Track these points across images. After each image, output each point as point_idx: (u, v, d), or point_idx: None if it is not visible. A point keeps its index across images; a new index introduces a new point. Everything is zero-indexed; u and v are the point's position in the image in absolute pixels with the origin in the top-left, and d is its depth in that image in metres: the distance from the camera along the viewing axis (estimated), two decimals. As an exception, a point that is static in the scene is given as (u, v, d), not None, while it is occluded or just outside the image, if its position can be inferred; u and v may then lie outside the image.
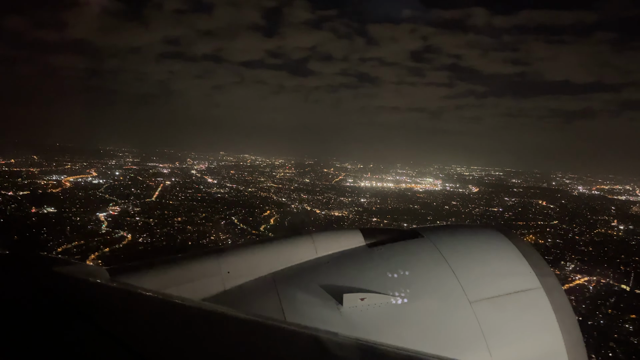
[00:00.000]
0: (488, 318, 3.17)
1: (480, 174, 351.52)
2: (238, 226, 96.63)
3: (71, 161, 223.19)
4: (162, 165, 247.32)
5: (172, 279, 3.35)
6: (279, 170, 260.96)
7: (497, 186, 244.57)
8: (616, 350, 46.71)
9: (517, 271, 3.49)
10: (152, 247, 74.75)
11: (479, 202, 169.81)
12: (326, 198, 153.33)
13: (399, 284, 3.30)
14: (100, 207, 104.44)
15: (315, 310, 3.17)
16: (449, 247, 3.62)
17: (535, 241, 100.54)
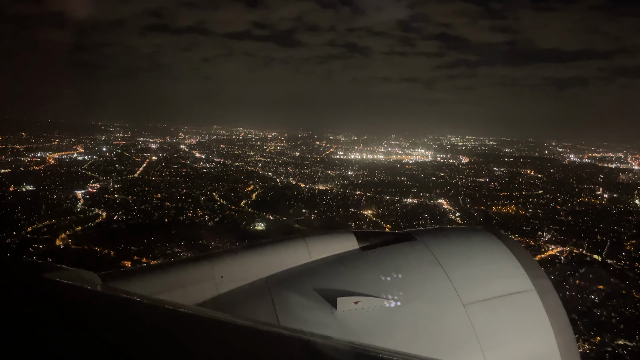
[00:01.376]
0: (481, 320, 3.17)
1: (474, 144, 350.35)
2: (218, 202, 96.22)
3: (60, 137, 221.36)
4: (152, 140, 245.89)
5: (165, 284, 3.30)
6: (270, 143, 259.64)
7: (489, 156, 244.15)
8: (577, 322, 46.85)
9: (510, 273, 3.46)
10: (125, 225, 74.55)
11: (467, 173, 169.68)
12: (313, 172, 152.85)
13: (393, 287, 3.29)
14: (80, 184, 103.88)
15: (309, 314, 3.16)
16: (442, 250, 3.60)
17: (516, 212, 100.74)
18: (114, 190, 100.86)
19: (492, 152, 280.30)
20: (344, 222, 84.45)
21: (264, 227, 79.47)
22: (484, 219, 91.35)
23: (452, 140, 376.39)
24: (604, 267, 63.92)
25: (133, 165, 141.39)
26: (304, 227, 79.61)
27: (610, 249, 72.72)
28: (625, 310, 50.05)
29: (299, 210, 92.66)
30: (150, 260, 57.92)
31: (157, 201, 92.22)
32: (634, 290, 55.85)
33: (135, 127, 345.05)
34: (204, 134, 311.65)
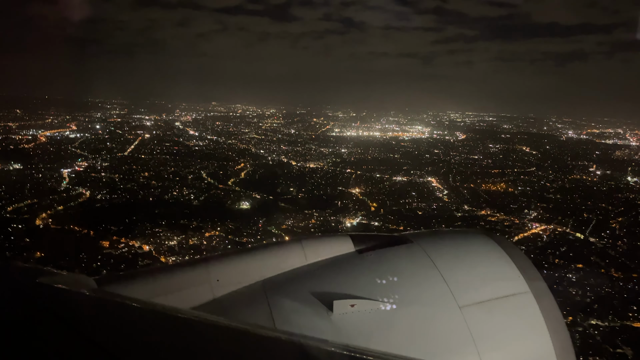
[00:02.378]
0: (478, 323, 3.16)
1: (473, 120, 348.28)
2: (205, 180, 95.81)
3: (54, 115, 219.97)
4: (147, 117, 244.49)
5: (161, 288, 3.28)
6: (267, 120, 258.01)
7: (486, 132, 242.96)
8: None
9: (506, 275, 3.45)
10: (108, 204, 74.30)
11: (462, 150, 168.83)
12: (306, 149, 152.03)
13: (389, 290, 3.28)
14: (68, 163, 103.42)
15: (305, 317, 3.13)
16: (438, 253, 3.58)
17: (505, 189, 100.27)
18: (101, 169, 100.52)
19: (490, 128, 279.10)
20: (331, 200, 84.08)
21: (248, 206, 79.17)
22: (472, 196, 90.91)
23: (451, 116, 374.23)
24: (585, 246, 63.73)
25: (124, 143, 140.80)
26: (289, 206, 79.43)
27: (595, 227, 72.48)
28: (601, 290, 49.91)
29: (286, 189, 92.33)
30: (129, 240, 57.88)
31: (143, 180, 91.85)
32: (612, 269, 55.68)
33: (133, 104, 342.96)
34: (201, 111, 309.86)
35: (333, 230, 66.17)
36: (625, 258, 59.34)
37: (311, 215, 73.47)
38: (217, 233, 61.72)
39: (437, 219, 72.94)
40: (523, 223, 73.81)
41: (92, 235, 59.36)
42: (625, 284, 51.70)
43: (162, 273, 3.51)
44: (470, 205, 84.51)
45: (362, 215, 74.98)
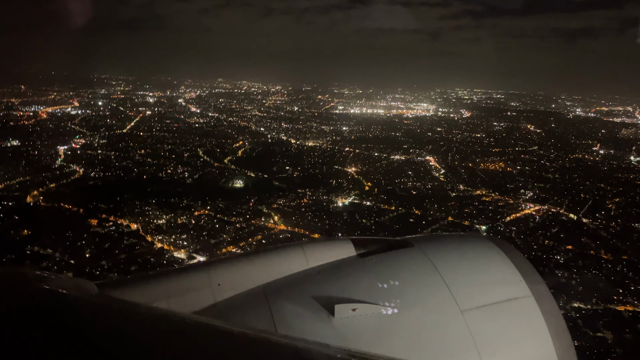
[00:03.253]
0: (479, 327, 3.16)
1: (481, 97, 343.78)
2: (201, 158, 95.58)
3: (58, 91, 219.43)
4: (151, 94, 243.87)
5: (162, 293, 3.27)
6: (271, 97, 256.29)
7: (492, 110, 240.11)
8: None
9: (508, 279, 3.45)
10: (101, 182, 74.39)
11: (465, 128, 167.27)
12: (307, 127, 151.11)
13: (391, 294, 3.28)
14: (66, 139, 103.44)
15: (306, 321, 3.14)
16: (439, 257, 3.58)
17: (504, 169, 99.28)
18: (98, 146, 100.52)
19: (497, 105, 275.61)
20: (325, 179, 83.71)
21: (242, 185, 78.96)
22: (469, 176, 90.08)
23: (459, 93, 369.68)
24: (578, 227, 63.05)
25: (124, 120, 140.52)
26: (283, 185, 79.18)
27: (591, 208, 71.66)
28: (588, 272, 49.41)
29: (282, 167, 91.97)
30: (117, 218, 57.98)
31: (139, 157, 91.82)
32: (602, 251, 55.09)
33: (138, 80, 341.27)
34: (206, 88, 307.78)
35: (323, 210, 66.00)
36: (617, 240, 58.69)
37: (304, 195, 73.21)
38: (207, 212, 61.67)
39: (430, 199, 72.39)
40: (517, 203, 73.11)
41: (82, 213, 59.43)
42: (614, 267, 51.14)
43: (163, 277, 3.50)
44: (466, 185, 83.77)
45: (355, 194, 74.56)
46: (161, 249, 49.92)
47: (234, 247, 51.10)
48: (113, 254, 47.16)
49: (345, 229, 58.21)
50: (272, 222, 59.59)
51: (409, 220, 62.57)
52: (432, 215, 64.82)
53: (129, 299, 3.08)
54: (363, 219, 62.79)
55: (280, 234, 55.98)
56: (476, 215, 65.39)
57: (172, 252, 49.20)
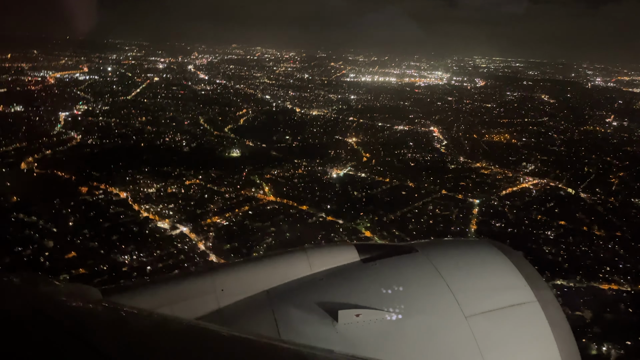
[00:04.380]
0: (484, 332, 3.14)
1: (499, 65, 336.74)
2: (201, 126, 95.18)
3: (70, 56, 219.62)
4: (162, 60, 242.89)
5: (166, 298, 3.28)
6: (283, 64, 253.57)
7: (508, 79, 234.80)
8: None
9: (512, 285, 3.43)
10: (98, 150, 74.52)
11: (477, 98, 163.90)
12: (314, 95, 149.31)
13: (394, 299, 3.26)
14: (69, 105, 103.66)
15: (310, 327, 3.13)
16: (443, 262, 3.56)
17: (508, 140, 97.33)
18: (100, 113, 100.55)
19: (514, 74, 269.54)
20: (324, 149, 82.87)
21: (238, 154, 78.56)
22: (472, 148, 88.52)
23: (477, 61, 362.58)
24: (574, 202, 61.69)
25: (131, 87, 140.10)
26: (280, 155, 78.61)
27: (592, 182, 70.05)
28: (577, 249, 48.43)
29: (282, 137, 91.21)
30: (108, 186, 58.11)
31: (139, 125, 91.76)
32: (596, 227, 53.89)
33: (152, 45, 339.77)
34: (219, 54, 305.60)
35: (316, 182, 65.46)
36: (613, 215, 57.35)
37: (299, 165, 72.64)
38: (197, 181, 61.51)
39: (427, 171, 71.33)
40: (516, 177, 71.69)
41: (73, 180, 59.68)
42: (605, 244, 50.03)
43: (167, 283, 3.48)
44: (466, 157, 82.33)
45: (351, 165, 73.75)
46: (146, 219, 49.95)
47: (218, 218, 51.03)
48: (97, 223, 47.31)
49: (335, 201, 57.72)
50: (262, 193, 59.23)
51: (400, 193, 61.76)
52: (426, 188, 63.83)
53: (132, 304, 3.06)
54: (355, 191, 62.13)
55: (268, 205, 55.69)
56: (471, 189, 64.24)
57: (156, 222, 49.24)
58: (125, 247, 42.55)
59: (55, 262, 39.40)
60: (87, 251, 41.35)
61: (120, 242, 43.49)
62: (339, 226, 50.97)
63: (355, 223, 51.75)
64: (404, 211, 55.56)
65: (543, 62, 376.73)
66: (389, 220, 53.12)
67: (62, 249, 41.60)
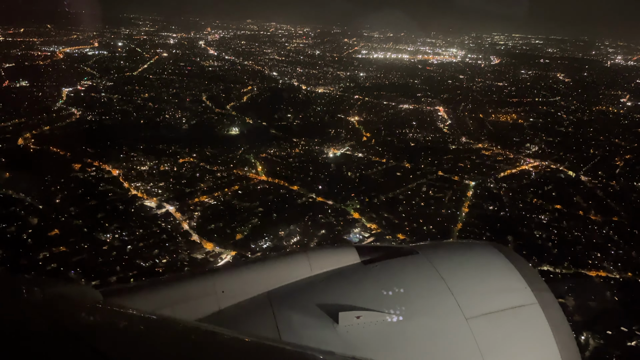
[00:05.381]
0: (485, 334, 3.16)
1: (517, 43, 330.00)
2: (203, 104, 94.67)
3: (82, 31, 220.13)
4: (174, 35, 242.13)
5: (166, 300, 3.31)
6: (295, 40, 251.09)
7: (525, 57, 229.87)
8: (508, 245, 44.55)
9: (513, 287, 3.45)
10: (96, 126, 74.58)
11: (489, 76, 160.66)
12: (322, 72, 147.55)
13: (395, 301, 3.28)
14: (74, 81, 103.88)
15: (311, 329, 3.15)
16: (444, 264, 3.58)
17: (515, 120, 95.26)
18: (103, 89, 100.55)
19: (532, 52, 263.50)
20: (324, 128, 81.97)
21: (237, 132, 78.08)
22: (475, 128, 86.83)
23: (495, 38, 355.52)
24: (573, 185, 60.22)
25: (138, 62, 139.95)
26: (279, 133, 77.93)
27: (596, 165, 68.32)
28: (569, 234, 47.31)
29: (284, 115, 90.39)
30: (102, 164, 58.18)
31: (141, 101, 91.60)
32: (592, 212, 52.58)
33: (166, 21, 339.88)
34: (232, 30, 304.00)
35: (311, 162, 64.84)
36: (612, 200, 55.87)
37: (297, 144, 71.95)
38: (191, 160, 61.27)
39: (426, 152, 70.16)
40: (517, 158, 70.15)
41: (68, 157, 59.81)
42: (600, 229, 48.79)
43: (167, 285, 3.48)
44: (469, 137, 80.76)
45: (349, 145, 72.82)
46: (134, 197, 49.91)
47: (207, 197, 50.82)
48: (84, 200, 47.43)
49: (328, 181, 57.08)
50: (254, 173, 58.79)
51: (395, 174, 60.82)
52: (422, 169, 62.78)
53: (133, 306, 3.05)
54: (349, 171, 61.36)
55: (258, 184, 55.26)
56: (469, 170, 63.02)
57: (143, 201, 49.16)
58: (108, 225, 42.60)
59: (36, 239, 39.60)
60: (70, 229, 41.46)
61: (104, 220, 43.54)
62: (328, 207, 50.40)
63: (345, 204, 51.11)
64: (396, 193, 54.77)
65: (564, 39, 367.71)
66: (380, 201, 52.39)
67: (46, 226, 41.81)
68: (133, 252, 38.56)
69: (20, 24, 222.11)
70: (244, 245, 41.46)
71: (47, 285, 2.98)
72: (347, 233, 44.98)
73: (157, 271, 36.50)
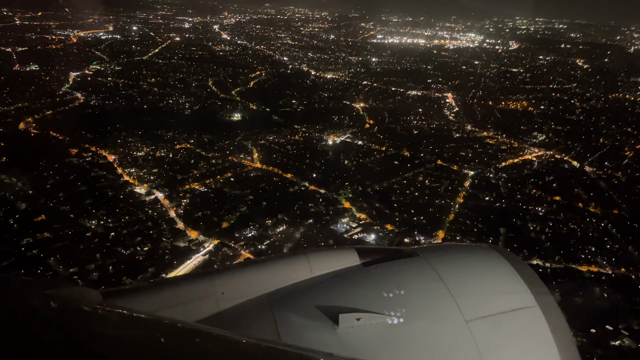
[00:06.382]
0: (484, 337, 3.15)
1: (540, 27, 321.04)
2: (209, 89, 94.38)
3: (100, 14, 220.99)
4: (190, 19, 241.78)
5: (166, 301, 3.29)
6: (311, 25, 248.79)
7: (545, 42, 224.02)
8: (499, 238, 43.53)
9: (513, 289, 3.44)
10: (98, 111, 74.86)
11: (505, 62, 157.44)
12: (334, 58, 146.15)
13: (395, 303, 3.27)
14: (82, 65, 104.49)
15: (310, 331, 3.14)
16: (444, 266, 3.57)
17: (525, 108, 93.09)
18: (110, 73, 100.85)
19: (553, 37, 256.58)
20: (328, 114, 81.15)
21: (239, 118, 77.70)
22: (483, 116, 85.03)
23: (517, 22, 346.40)
24: (575, 176, 58.61)
25: (150, 47, 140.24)
26: (281, 119, 77.37)
27: (604, 155, 66.42)
28: (565, 227, 46.04)
29: (288, 101, 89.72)
30: (99, 149, 58.38)
31: (146, 86, 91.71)
32: (592, 204, 51.11)
33: (184, 4, 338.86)
34: (249, 14, 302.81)
35: (309, 149, 64.22)
36: (614, 192, 54.23)
37: (297, 131, 71.33)
38: (188, 146, 61.11)
39: (428, 140, 68.97)
40: (522, 147, 68.53)
41: (66, 142, 60.13)
42: (598, 222, 47.41)
43: (167, 286, 3.46)
44: (474, 125, 79.14)
45: (351, 132, 71.95)
46: (125, 183, 49.96)
47: (198, 184, 50.66)
48: (74, 186, 47.63)
49: (323, 169, 56.48)
50: (250, 160, 58.39)
51: (393, 162, 59.87)
52: (421, 157, 61.69)
53: (133, 307, 3.04)
54: (346, 159, 60.61)
55: (252, 172, 54.88)
56: (470, 160, 61.75)
57: (133, 187, 49.17)
58: (95, 212, 42.71)
59: (22, 225, 39.87)
60: (56, 215, 41.67)
61: (91, 206, 43.67)
62: (319, 196, 49.88)
63: (337, 193, 50.53)
64: (391, 182, 53.91)
65: (589, 23, 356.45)
66: (373, 191, 51.63)
67: (33, 212, 42.06)
68: (115, 239, 38.62)
69: (39, 8, 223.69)
70: (228, 234, 41.22)
71: (46, 285, 3.01)
72: (334, 223, 44.44)
73: (136, 259, 36.51)
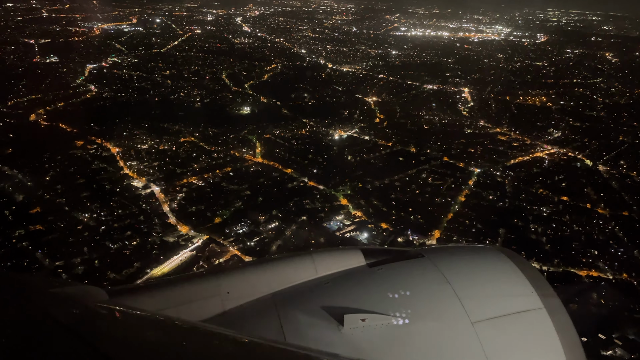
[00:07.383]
0: (490, 339, 3.16)
1: (572, 19, 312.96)
2: (222, 82, 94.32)
3: (126, 7, 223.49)
4: (214, 11, 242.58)
5: (171, 300, 3.34)
6: (335, 17, 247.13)
7: (575, 35, 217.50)
8: (497, 238, 42.14)
9: (519, 292, 3.44)
10: (109, 103, 75.51)
11: (530, 56, 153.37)
12: (353, 50, 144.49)
13: (400, 304, 3.29)
14: (101, 57, 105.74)
15: (315, 331, 3.17)
16: (450, 268, 3.58)
17: (544, 103, 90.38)
18: (126, 65, 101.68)
19: (585, 29, 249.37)
20: (338, 108, 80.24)
21: (248, 112, 77.43)
22: (498, 111, 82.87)
23: (549, 14, 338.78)
24: (587, 176, 56.49)
25: (169, 39, 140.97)
26: (290, 113, 76.83)
27: (620, 154, 63.90)
28: (569, 229, 44.34)
29: (300, 94, 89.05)
30: (104, 141, 58.84)
31: (160, 79, 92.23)
32: (601, 206, 49.17)
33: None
34: (274, 5, 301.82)
35: (314, 144, 63.53)
36: (626, 192, 52.09)
37: (305, 125, 70.69)
38: (192, 139, 61.12)
39: (438, 136, 67.52)
40: (534, 144, 66.49)
41: (74, 134, 60.79)
42: (605, 224, 45.59)
43: (173, 285, 3.48)
44: (488, 120, 77.19)
45: (359, 127, 70.97)
46: (124, 176, 50.21)
47: (196, 178, 50.56)
48: (74, 178, 48.03)
49: (325, 165, 55.79)
50: (251, 154, 58.06)
51: (397, 159, 58.78)
52: (428, 154, 60.38)
53: (138, 306, 3.07)
54: (350, 155, 59.73)
55: (252, 166, 54.55)
56: (478, 157, 60.17)
57: (131, 180, 49.35)
58: (90, 204, 42.98)
59: (17, 216, 40.37)
60: (51, 207, 42.06)
61: (87, 199, 43.95)
62: (317, 192, 49.27)
63: (336, 190, 49.82)
64: (393, 179, 52.89)
65: (625, 15, 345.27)
66: (373, 188, 50.73)
67: (29, 203, 42.57)
68: (105, 233, 38.75)
69: (67, 0, 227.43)
70: (218, 230, 40.96)
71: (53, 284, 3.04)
72: (328, 220, 43.76)
73: (123, 253, 36.55)
